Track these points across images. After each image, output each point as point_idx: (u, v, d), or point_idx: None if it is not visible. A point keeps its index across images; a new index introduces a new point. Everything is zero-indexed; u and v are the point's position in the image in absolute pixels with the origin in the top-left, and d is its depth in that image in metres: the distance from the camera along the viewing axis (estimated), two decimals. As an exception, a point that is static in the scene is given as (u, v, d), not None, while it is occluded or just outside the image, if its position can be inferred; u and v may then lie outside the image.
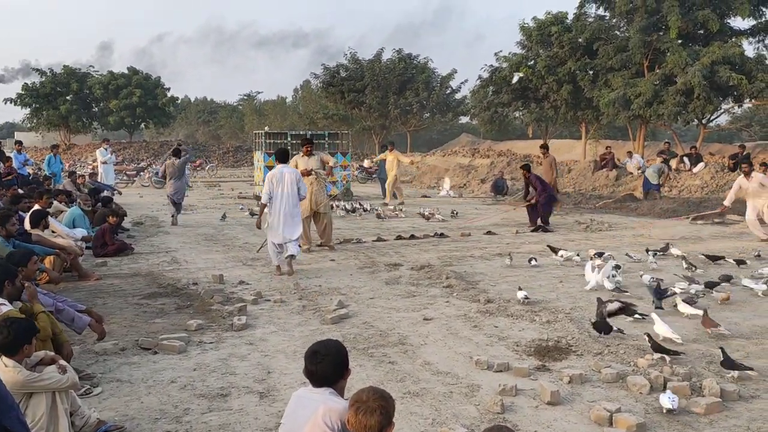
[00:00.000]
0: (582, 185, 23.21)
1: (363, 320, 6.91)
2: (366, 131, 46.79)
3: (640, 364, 5.39)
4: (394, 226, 14.61)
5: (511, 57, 30.37)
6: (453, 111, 44.67)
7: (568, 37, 27.19)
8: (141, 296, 7.88)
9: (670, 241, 11.48)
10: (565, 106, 29.08)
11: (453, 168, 30.24)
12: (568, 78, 27.58)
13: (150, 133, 65.49)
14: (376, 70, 42.55)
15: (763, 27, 24.74)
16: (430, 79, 42.89)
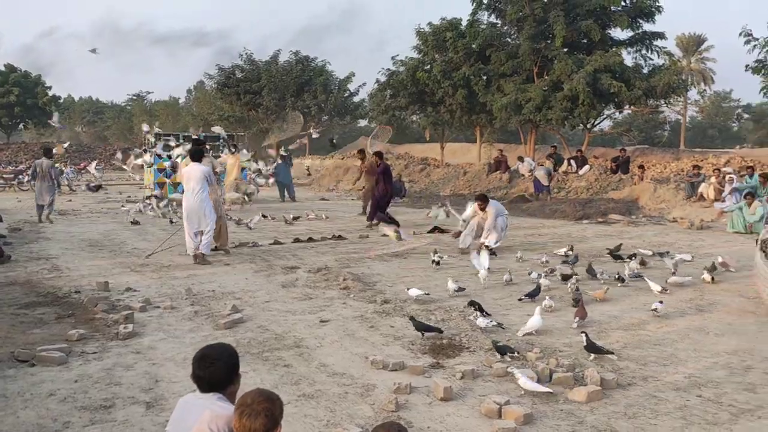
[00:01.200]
0: (477, 187, 23.86)
1: (258, 324, 6.78)
2: (263, 133, 46.15)
3: (530, 357, 5.57)
4: (292, 229, 14.47)
5: (408, 61, 30.84)
6: (351, 114, 44.86)
7: (462, 43, 27.93)
8: (17, 306, 7.37)
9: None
10: (460, 110, 29.82)
11: (351, 170, 30.33)
12: (462, 83, 28.31)
13: (30, 133, 61.83)
14: (273, 72, 42.08)
15: (640, 38, 26.37)
16: (328, 81, 42.88)
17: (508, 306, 7.57)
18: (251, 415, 2.59)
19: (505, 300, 7.86)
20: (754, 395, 4.82)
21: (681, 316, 7.10)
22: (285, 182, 22.34)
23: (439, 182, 26.12)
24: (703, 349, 5.90)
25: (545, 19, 25.67)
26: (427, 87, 29.77)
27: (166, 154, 19.45)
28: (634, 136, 46.50)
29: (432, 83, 29.33)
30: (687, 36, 57.90)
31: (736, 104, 64.80)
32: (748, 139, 59.62)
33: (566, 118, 25.23)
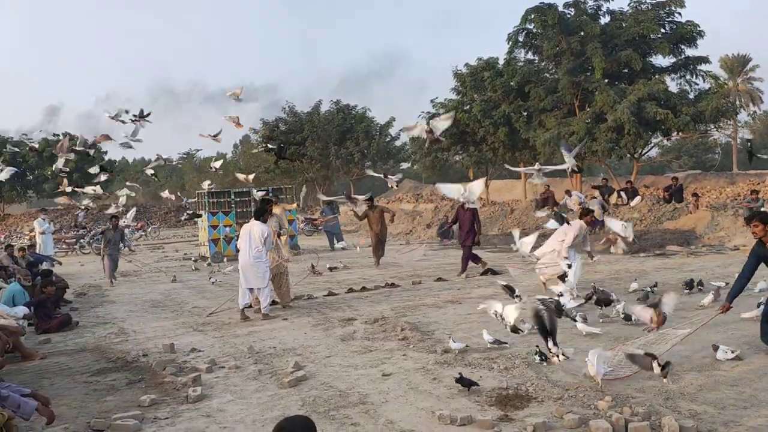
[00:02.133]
0: (526, 224, 23.66)
1: (321, 381, 6.81)
2: (309, 183, 46.83)
3: (600, 406, 5.45)
4: (344, 278, 14.55)
5: (447, 103, 31.08)
6: (394, 158, 45.21)
7: (500, 82, 28.05)
8: (89, 373, 7.58)
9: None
10: (502, 147, 29.77)
11: (397, 214, 30.46)
12: (503, 120, 28.32)
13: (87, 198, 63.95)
14: (315, 122, 42.87)
15: (683, 64, 26.07)
16: (369, 128, 43.42)
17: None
18: None
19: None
20: None
21: (755, 353, 6.85)
22: (333, 230, 22.48)
23: (487, 221, 25.96)
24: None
25: (583, 52, 25.66)
26: (468, 127, 29.88)
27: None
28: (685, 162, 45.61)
29: (472, 123, 29.43)
30: (731, 57, 56.99)
31: (788, 122, 63.16)
32: (804, 156, 57.86)
33: (612, 149, 24.94)
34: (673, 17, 25.37)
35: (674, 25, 25.35)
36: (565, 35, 25.84)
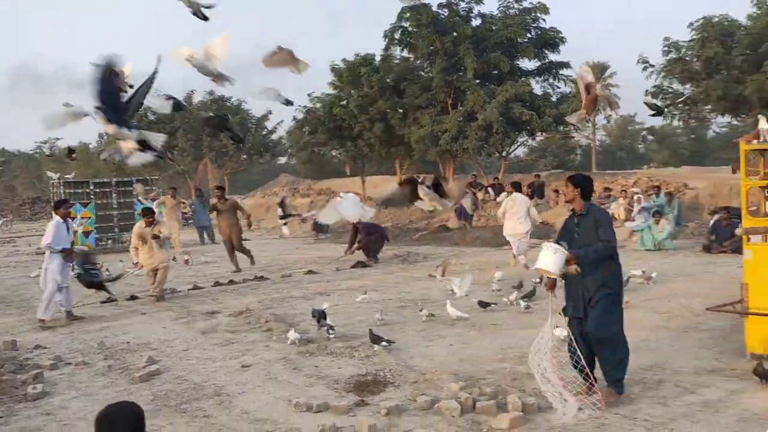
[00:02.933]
0: (399, 219, 24.08)
1: (175, 375, 6.56)
2: (180, 175, 45.23)
3: (452, 388, 5.60)
4: (212, 272, 14.15)
5: (324, 97, 31.02)
6: (270, 152, 44.57)
7: (377, 78, 28.29)
8: None
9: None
10: (379, 143, 30.06)
11: (273, 208, 30.08)
12: (379, 116, 28.60)
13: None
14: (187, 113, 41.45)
15: (547, 67, 27.45)
16: (245, 120, 42.53)
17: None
18: None
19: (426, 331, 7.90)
20: (667, 408, 4.99)
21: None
22: (203, 224, 21.76)
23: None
24: (619, 366, 6.06)
25: (456, 53, 26.41)
26: (345, 122, 29.95)
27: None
28: (549, 162, 48.14)
29: (349, 118, 29.53)
30: (592, 64, 60.74)
31: (640, 127, 68.22)
32: (654, 159, 62.72)
33: (482, 147, 25.87)
34: (538, 23, 26.65)
35: (539, 31, 26.65)
36: (439, 35, 26.48)
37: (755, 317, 5.93)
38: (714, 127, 55.70)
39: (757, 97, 21.94)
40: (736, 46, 22.86)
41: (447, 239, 19.13)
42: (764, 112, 18.86)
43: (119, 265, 14.24)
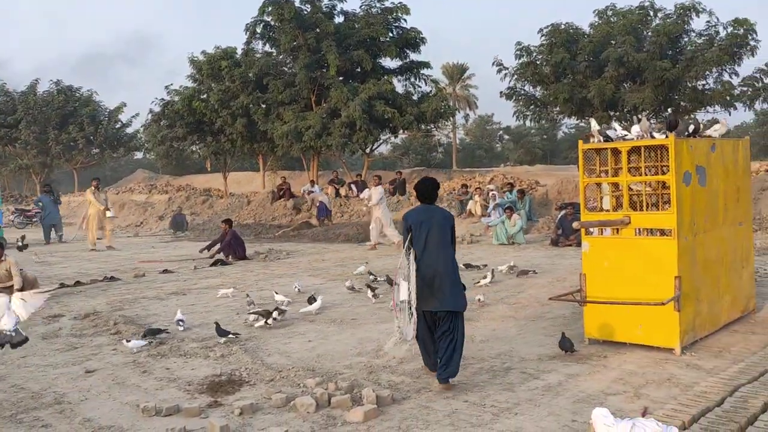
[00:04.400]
0: (262, 216, 23.71)
1: (11, 383, 6.05)
2: (24, 170, 41.98)
3: (309, 384, 5.57)
4: (57, 272, 13.23)
5: (183, 90, 29.94)
6: (125, 146, 42.41)
7: (238, 72, 27.70)
8: None
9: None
10: (241, 139, 29.48)
11: (128, 205, 28.66)
12: (241, 111, 28.05)
13: None
14: (31, 103, 38.51)
15: (408, 67, 28.09)
16: (96, 112, 40.15)
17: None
18: None
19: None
20: (513, 394, 5.24)
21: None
22: (52, 221, 20.35)
23: (223, 213, 25.51)
24: (470, 356, 6.29)
25: (319, 49, 26.38)
26: (205, 116, 29.09)
27: None
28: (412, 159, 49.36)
29: (210, 113, 28.72)
30: (451, 65, 62.99)
31: (497, 126, 71.66)
32: (510, 158, 66.11)
33: (346, 144, 26.04)
34: (399, 23, 27.17)
35: (401, 31, 27.19)
36: (302, 30, 26.32)
37: (592, 305, 6.37)
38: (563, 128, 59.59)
39: (598, 101, 23.70)
40: (580, 53, 24.56)
41: (309, 236, 19.07)
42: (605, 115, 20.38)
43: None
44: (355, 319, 8.10)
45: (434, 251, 5.56)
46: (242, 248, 14.65)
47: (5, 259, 10.18)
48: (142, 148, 41.23)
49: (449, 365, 5.45)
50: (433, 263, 5.52)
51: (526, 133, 65.38)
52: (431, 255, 5.55)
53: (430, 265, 5.52)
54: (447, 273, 5.57)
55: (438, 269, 5.53)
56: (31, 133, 37.94)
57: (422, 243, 5.57)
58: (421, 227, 5.59)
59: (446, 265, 5.60)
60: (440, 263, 5.55)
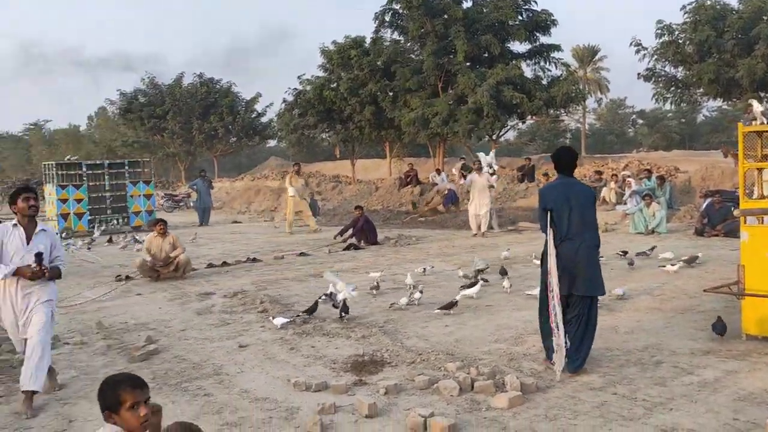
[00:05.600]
0: (389, 202, 24.08)
1: (174, 354, 6.58)
2: (170, 158, 45.01)
3: (450, 368, 5.65)
4: (205, 253, 14.13)
5: (314, 80, 30.88)
6: (260, 135, 44.41)
7: (367, 60, 28.22)
8: None
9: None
10: (368, 126, 30.08)
11: (263, 191, 30.01)
12: (369, 99, 28.58)
13: None
14: (177, 95, 41.18)
15: (538, 50, 27.45)
16: (234, 103, 42.31)
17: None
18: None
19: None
20: (665, 389, 5.06)
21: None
22: (204, 205, 21.74)
23: (352, 199, 26.17)
24: (615, 347, 6.14)
25: (446, 35, 26.34)
26: (335, 105, 29.90)
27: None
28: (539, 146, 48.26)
29: (339, 101, 29.48)
30: (582, 47, 60.78)
31: (630, 110, 68.49)
32: (644, 143, 63.04)
33: (472, 130, 25.90)
34: (529, 5, 26.58)
35: (530, 13, 26.59)
36: (429, 17, 26.38)
37: (751, 299, 6.01)
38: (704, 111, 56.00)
39: (748, 81, 22.09)
40: (728, 30, 22.96)
41: (438, 223, 19.17)
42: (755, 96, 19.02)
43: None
44: (490, 306, 8.09)
45: (576, 232, 5.44)
46: (374, 233, 15.01)
47: (169, 233, 11.07)
48: (275, 136, 42.99)
49: (579, 352, 5.36)
50: (575, 245, 5.42)
51: (662, 117, 62.02)
52: (573, 236, 5.44)
53: (572, 247, 5.42)
54: (588, 255, 5.45)
55: (579, 250, 5.42)
56: (177, 123, 40.61)
57: (565, 225, 5.43)
58: (561, 208, 5.45)
59: (589, 246, 5.48)
60: (582, 245, 5.43)
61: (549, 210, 5.48)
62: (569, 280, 5.39)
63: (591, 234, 5.52)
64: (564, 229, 5.44)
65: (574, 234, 5.44)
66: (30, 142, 63.12)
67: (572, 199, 5.47)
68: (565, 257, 5.38)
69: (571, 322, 5.43)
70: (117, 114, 43.24)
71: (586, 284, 5.43)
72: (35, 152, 58.00)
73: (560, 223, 5.45)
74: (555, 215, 5.45)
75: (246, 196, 30.31)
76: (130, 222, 20.07)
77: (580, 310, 5.44)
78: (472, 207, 15.73)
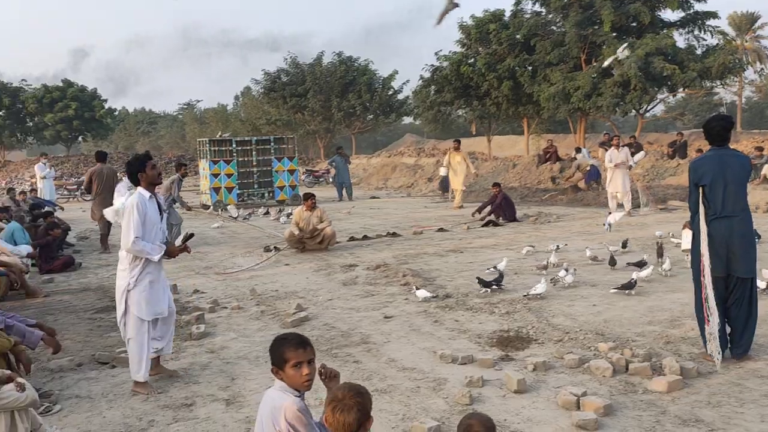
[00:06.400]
0: (527, 179, 23.59)
1: (323, 322, 6.86)
2: (310, 135, 46.58)
3: (601, 348, 5.49)
4: (346, 227, 14.55)
5: (452, 55, 30.67)
6: (396, 112, 44.83)
7: (506, 34, 27.64)
8: (93, 311, 7.64)
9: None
10: (506, 102, 29.52)
11: (399, 168, 30.37)
12: (508, 74, 28.01)
13: (88, 146, 63.72)
14: (317, 74, 42.41)
15: (692, 18, 25.64)
16: (372, 80, 42.95)
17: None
18: (344, 410, 2.64)
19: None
20: (843, 380, 4.65)
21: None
22: (343, 181, 22.40)
23: (488, 176, 25.87)
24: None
25: (591, 5, 25.21)
26: (472, 81, 29.56)
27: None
28: (689, 120, 45.29)
29: (476, 76, 29.12)
30: (740, 14, 56.03)
31: (793, 82, 62.50)
32: (808, 117, 57.42)
33: (617, 105, 24.72)
34: (683, -31, 24.84)
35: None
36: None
37: None
38: None
39: None
40: None
41: (578, 200, 18.55)
42: None
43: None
44: (641, 287, 7.75)
45: (732, 209, 5.06)
46: (512, 210, 14.79)
47: (318, 207, 11.53)
48: (411, 113, 43.25)
49: (744, 335, 5.01)
50: (730, 223, 5.05)
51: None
52: (729, 213, 5.06)
53: (727, 225, 5.06)
54: (744, 234, 5.07)
55: (735, 229, 5.05)
56: (317, 101, 41.88)
57: (719, 201, 5.04)
58: (715, 182, 5.05)
59: (746, 223, 5.11)
60: (739, 222, 5.06)
61: (702, 186, 5.13)
62: (725, 261, 5.05)
63: (745, 211, 5.12)
64: (718, 206, 5.06)
65: (730, 211, 5.05)
66: (184, 120, 67.64)
67: (728, 172, 5.06)
68: (719, 237, 5.03)
69: (733, 306, 5.09)
70: (261, 93, 45.18)
71: (744, 265, 5.06)
72: (188, 130, 62.08)
73: (714, 199, 5.07)
74: (707, 190, 5.08)
75: (383, 172, 30.82)
76: (275, 196, 21.03)
77: (741, 293, 5.09)
78: (611, 186, 15.06)
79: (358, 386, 2.78)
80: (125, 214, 4.96)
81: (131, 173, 5.16)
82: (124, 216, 4.95)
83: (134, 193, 5.17)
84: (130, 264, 5.07)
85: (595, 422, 4.08)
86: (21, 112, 46.67)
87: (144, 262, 5.08)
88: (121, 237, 5.03)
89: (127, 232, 4.95)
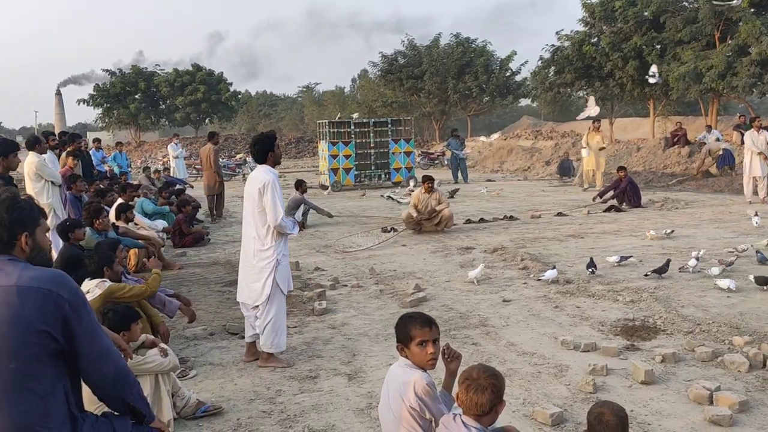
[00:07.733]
0: (652, 163, 22.50)
1: (441, 303, 6.90)
2: (426, 117, 46.60)
3: (736, 342, 5.20)
4: (462, 210, 14.50)
5: (574, 35, 29.64)
6: (513, 93, 43.93)
7: (633, 12, 26.34)
8: (223, 284, 8.08)
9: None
10: (631, 83, 28.25)
11: (515, 151, 29.83)
12: (633, 54, 26.75)
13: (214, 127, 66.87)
14: (434, 56, 42.25)
15: (843, -10, 23.39)
16: (489, 62, 42.27)
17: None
18: (478, 390, 2.67)
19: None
20: None
21: None
22: (457, 163, 22.28)
23: (610, 160, 24.91)
24: None
25: (728, -22, 23.54)
26: (595, 61, 28.46)
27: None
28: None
29: (600, 56, 28.00)
30: None
31: None
32: None
33: (755, 85, 23.01)
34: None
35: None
36: (710, -41, 23.75)
37: None
38: None
39: None
40: None
41: (709, 186, 17.51)
42: None
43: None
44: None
45: None
46: (637, 196, 14.19)
47: (436, 189, 11.58)
48: (529, 95, 42.25)
49: None
50: None
51: None
52: None
53: None
54: None
55: None
56: (434, 83, 41.75)
57: None
58: None
59: None
60: None
61: None
62: None
63: None
64: None
65: None
66: (303, 103, 69.54)
67: None
68: None
69: None
70: (378, 75, 45.60)
71: None
72: (307, 112, 63.77)
73: None
74: None
75: (498, 155, 30.36)
76: (391, 178, 21.24)
77: None
78: (751, 170, 14.09)
79: (494, 369, 2.81)
80: (267, 190, 5.06)
81: (260, 151, 5.22)
82: (267, 193, 5.06)
83: (257, 170, 5.27)
84: (274, 241, 5.17)
85: (729, 418, 3.89)
86: (155, 95, 49.66)
87: (285, 238, 5.25)
88: (267, 214, 5.11)
89: (274, 208, 5.05)
